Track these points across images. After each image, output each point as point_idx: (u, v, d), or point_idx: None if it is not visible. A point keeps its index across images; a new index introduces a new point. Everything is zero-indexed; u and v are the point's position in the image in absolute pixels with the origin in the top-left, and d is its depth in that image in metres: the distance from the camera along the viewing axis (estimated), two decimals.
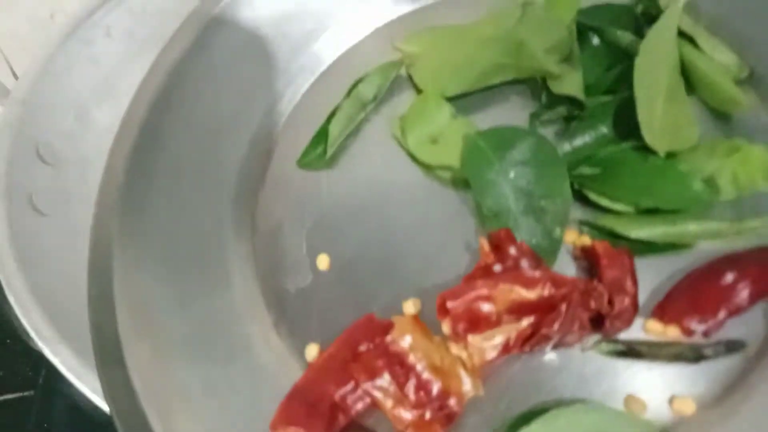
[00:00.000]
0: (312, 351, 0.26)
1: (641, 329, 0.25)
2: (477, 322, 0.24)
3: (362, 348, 0.24)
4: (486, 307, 0.24)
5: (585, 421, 0.23)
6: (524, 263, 0.25)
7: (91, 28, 0.38)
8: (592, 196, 0.27)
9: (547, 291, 0.24)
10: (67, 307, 0.28)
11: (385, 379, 0.23)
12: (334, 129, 0.32)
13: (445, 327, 0.24)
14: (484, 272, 0.25)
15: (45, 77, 0.35)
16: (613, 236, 0.26)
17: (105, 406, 0.23)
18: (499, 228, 0.26)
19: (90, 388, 0.24)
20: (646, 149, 0.27)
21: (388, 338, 0.24)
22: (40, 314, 0.26)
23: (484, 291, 0.24)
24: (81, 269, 0.31)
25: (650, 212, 0.26)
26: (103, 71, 0.38)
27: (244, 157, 0.32)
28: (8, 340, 0.42)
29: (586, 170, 0.28)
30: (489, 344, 0.24)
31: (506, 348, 0.24)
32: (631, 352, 0.24)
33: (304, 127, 0.32)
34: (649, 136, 0.27)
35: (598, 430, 0.23)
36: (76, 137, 0.36)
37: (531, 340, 0.24)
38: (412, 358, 0.24)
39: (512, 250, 0.25)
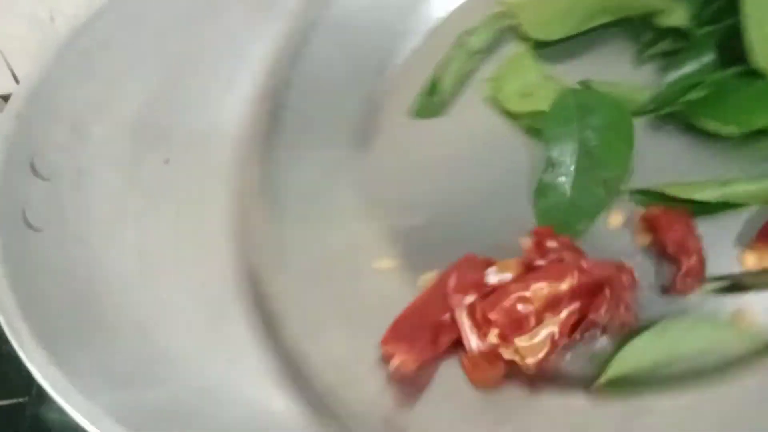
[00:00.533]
0: (424, 281, 0.29)
1: (739, 264, 0.26)
2: (520, 325, 0.25)
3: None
4: (525, 309, 0.25)
5: (694, 332, 0.24)
6: (566, 256, 0.26)
7: (89, 39, 0.37)
8: (701, 122, 0.29)
9: (576, 278, 0.25)
10: (60, 329, 0.27)
11: (470, 298, 0.26)
12: (443, 79, 0.35)
13: (493, 337, 0.25)
14: (529, 269, 0.27)
15: (41, 89, 0.34)
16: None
17: None
18: (551, 180, 0.29)
19: (81, 413, 0.23)
20: (753, 74, 0.28)
21: (488, 270, 0.26)
22: (29, 336, 0.25)
23: (518, 294, 0.25)
24: (74, 288, 0.31)
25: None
26: (100, 83, 0.38)
27: (357, 112, 0.38)
28: (3, 346, 0.42)
29: (693, 95, 0.29)
30: (536, 341, 0.25)
31: (554, 340, 0.25)
32: (737, 285, 0.25)
33: (413, 82, 0.37)
34: (757, 58, 0.28)
35: (707, 341, 0.24)
36: (71, 150, 0.35)
37: (579, 327, 0.25)
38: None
39: (552, 244, 0.27)
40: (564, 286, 0.25)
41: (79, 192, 0.34)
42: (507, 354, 0.25)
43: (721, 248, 0.27)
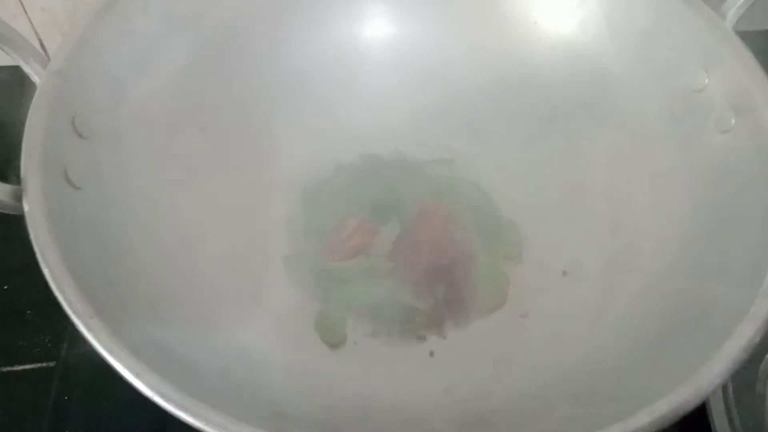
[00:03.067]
0: None
1: None
2: None
3: None
4: None
5: None
6: None
7: (129, 3, 0.37)
8: None
9: None
10: (101, 282, 0.27)
11: None
12: None
13: None
14: None
15: (81, 50, 0.34)
16: None
17: (138, 384, 0.23)
18: None
19: (122, 365, 0.23)
20: None
21: None
22: (73, 288, 0.25)
23: None
24: (115, 244, 0.31)
25: None
26: (138, 47, 0.38)
27: None
28: (28, 312, 0.42)
29: None
30: None
31: None
32: None
33: None
34: None
35: None
36: (110, 111, 0.35)
37: None
38: None
39: None
40: None
41: (116, 153, 0.34)
42: None
43: None
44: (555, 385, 0.31)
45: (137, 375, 0.23)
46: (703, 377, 0.23)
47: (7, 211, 0.28)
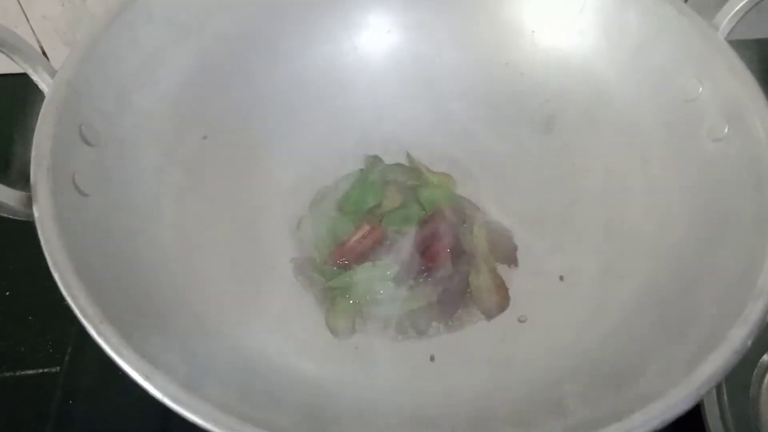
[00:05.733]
0: None
1: None
2: None
3: None
4: None
5: None
6: None
7: (135, 12, 0.38)
8: None
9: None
10: (110, 287, 0.28)
11: None
12: None
13: None
14: None
15: (89, 59, 0.35)
16: None
17: (148, 386, 0.23)
18: None
19: (132, 367, 0.24)
20: None
21: None
22: (83, 293, 0.26)
23: None
24: (122, 250, 0.32)
25: None
26: (143, 56, 0.38)
27: None
28: (30, 317, 0.42)
29: None
30: None
31: None
32: None
33: None
34: None
35: None
36: (116, 119, 0.36)
37: None
38: None
39: None
40: None
41: (122, 160, 0.35)
42: None
43: None
44: (552, 388, 0.31)
45: (147, 377, 0.24)
46: (696, 380, 0.24)
47: (17, 217, 0.29)
